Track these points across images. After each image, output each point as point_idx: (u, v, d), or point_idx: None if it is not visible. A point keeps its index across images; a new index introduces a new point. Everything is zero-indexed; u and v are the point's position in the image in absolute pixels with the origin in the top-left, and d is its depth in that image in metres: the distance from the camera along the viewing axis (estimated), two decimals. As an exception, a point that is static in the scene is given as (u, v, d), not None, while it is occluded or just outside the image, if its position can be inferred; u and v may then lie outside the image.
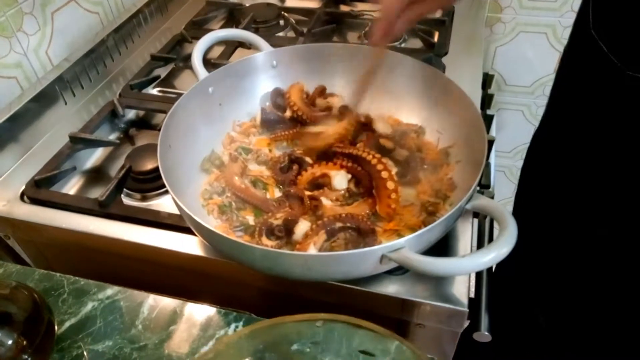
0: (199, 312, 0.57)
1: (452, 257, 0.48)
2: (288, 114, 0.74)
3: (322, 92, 0.77)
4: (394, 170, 0.65)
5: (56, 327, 0.55)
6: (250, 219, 0.63)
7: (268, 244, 0.56)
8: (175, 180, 0.61)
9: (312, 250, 0.56)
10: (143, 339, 0.55)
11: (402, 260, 0.49)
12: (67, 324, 0.56)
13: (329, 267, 0.51)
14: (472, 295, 0.58)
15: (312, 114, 0.73)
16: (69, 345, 0.54)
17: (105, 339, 0.55)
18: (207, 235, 0.54)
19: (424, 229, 0.49)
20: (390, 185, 0.59)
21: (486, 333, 0.59)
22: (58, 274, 0.61)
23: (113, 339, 0.55)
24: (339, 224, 0.59)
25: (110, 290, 0.60)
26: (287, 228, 0.58)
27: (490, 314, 0.60)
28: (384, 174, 0.60)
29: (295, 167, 0.67)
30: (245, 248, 0.50)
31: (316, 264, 0.50)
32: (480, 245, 0.65)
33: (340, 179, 0.64)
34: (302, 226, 0.57)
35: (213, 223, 0.63)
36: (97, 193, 0.68)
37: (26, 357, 0.48)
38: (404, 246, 0.49)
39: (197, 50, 0.75)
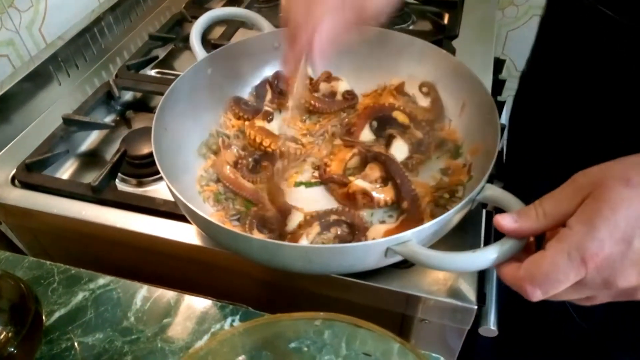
0: (194, 305, 0.55)
1: (461, 252, 0.45)
2: (291, 102, 0.71)
3: (327, 78, 0.74)
4: (405, 150, 0.64)
5: (46, 318, 0.53)
6: (248, 208, 0.60)
7: (260, 237, 0.53)
8: (171, 165, 0.58)
9: (304, 242, 0.53)
10: (135, 331, 0.52)
11: (408, 253, 0.46)
12: (56, 315, 0.54)
13: (331, 260, 0.48)
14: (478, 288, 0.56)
15: (315, 103, 0.70)
16: (58, 337, 0.52)
17: (95, 331, 0.52)
18: (202, 224, 0.51)
19: (431, 222, 0.46)
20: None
21: (493, 328, 0.57)
22: (48, 262, 0.59)
23: (104, 331, 0.52)
24: (334, 217, 0.56)
25: (103, 279, 0.57)
26: (281, 219, 0.55)
27: (497, 308, 0.58)
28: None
29: (265, 163, 0.64)
30: (242, 238, 0.48)
31: (318, 257, 0.48)
32: (488, 238, 0.62)
33: (401, 148, 0.63)
34: (296, 217, 0.54)
35: (209, 211, 0.60)
36: (92, 178, 0.65)
37: (12, 349, 0.46)
38: (411, 239, 0.46)
39: (196, 30, 0.72)
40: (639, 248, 0.35)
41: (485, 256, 0.43)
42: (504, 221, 0.42)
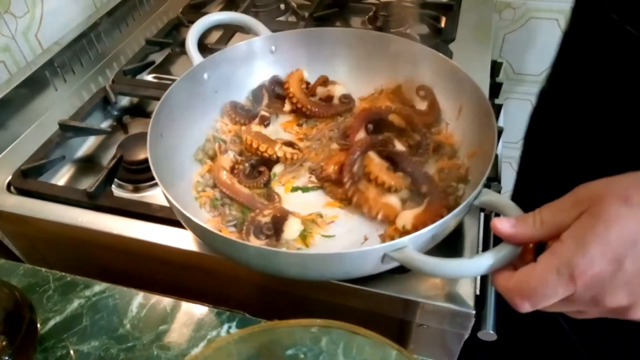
0: (190, 311, 0.54)
1: (457, 259, 0.45)
2: (287, 107, 0.71)
3: (324, 82, 0.74)
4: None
5: (41, 326, 0.53)
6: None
7: (256, 243, 0.53)
8: (168, 171, 0.58)
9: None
10: (131, 339, 0.52)
11: (404, 260, 0.45)
12: (51, 323, 0.54)
13: (327, 267, 0.48)
14: (478, 292, 0.56)
15: (312, 107, 0.70)
16: (54, 345, 0.52)
17: (91, 339, 0.52)
18: (198, 231, 0.51)
19: (428, 227, 0.46)
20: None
21: (492, 332, 0.56)
22: (44, 269, 0.59)
23: (99, 339, 0.52)
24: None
25: (98, 286, 0.57)
26: (277, 225, 0.54)
27: (496, 312, 0.57)
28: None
29: (262, 168, 0.64)
30: (238, 246, 0.47)
31: (314, 264, 0.47)
32: (486, 243, 0.62)
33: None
34: (293, 224, 0.54)
35: (206, 217, 0.60)
36: (88, 184, 0.65)
37: (6, 358, 0.46)
38: (407, 245, 0.46)
39: (192, 35, 0.72)
40: (630, 269, 0.34)
41: (481, 263, 0.43)
42: (500, 225, 0.42)
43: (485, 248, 0.60)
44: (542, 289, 0.37)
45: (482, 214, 0.62)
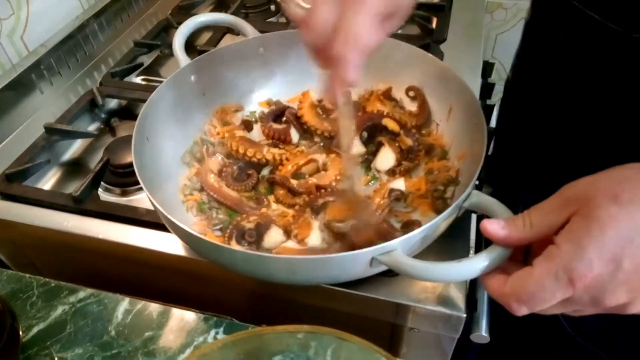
0: (177, 317, 0.53)
1: (447, 262, 0.44)
2: (317, 138, 0.68)
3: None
4: (392, 158, 0.63)
5: (24, 333, 0.52)
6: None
7: (237, 249, 0.52)
8: (154, 174, 0.57)
9: (316, 233, 0.53)
10: (116, 346, 0.51)
11: (393, 264, 0.45)
12: (35, 330, 0.53)
13: (314, 271, 0.47)
14: (469, 294, 0.55)
15: (334, 128, 0.66)
16: (37, 353, 0.51)
17: (75, 346, 0.51)
18: (183, 235, 0.50)
19: (417, 230, 0.45)
20: None
21: (484, 334, 0.56)
22: (27, 275, 0.58)
23: (84, 346, 0.51)
24: (320, 201, 0.56)
25: (83, 292, 0.56)
26: (259, 233, 0.54)
27: (489, 314, 0.57)
28: None
29: (250, 171, 0.63)
30: (224, 250, 0.46)
31: (301, 268, 0.46)
32: (479, 245, 0.61)
33: (388, 155, 0.62)
34: (274, 234, 0.53)
35: (192, 220, 0.59)
36: (74, 188, 0.64)
37: (-13, 367, 0.45)
38: (396, 248, 0.45)
39: (179, 36, 0.71)
40: (628, 268, 0.34)
41: (471, 266, 0.42)
42: (491, 227, 0.41)
43: (478, 251, 0.59)
44: (540, 293, 0.36)
45: (474, 216, 0.62)
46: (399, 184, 0.60)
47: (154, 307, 0.54)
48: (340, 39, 0.40)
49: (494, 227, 0.41)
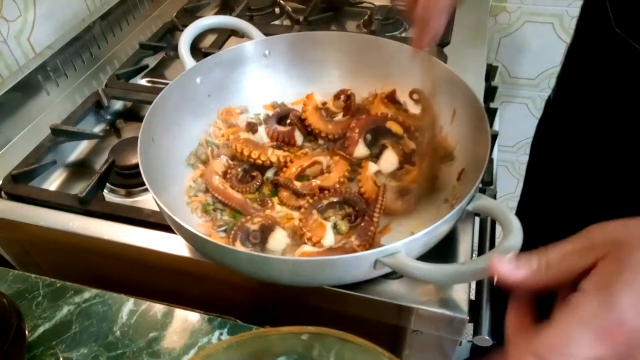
0: (181, 318, 0.54)
1: (450, 264, 0.44)
2: (321, 141, 0.68)
3: (337, 98, 0.72)
4: (395, 161, 0.64)
5: (29, 333, 0.52)
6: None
7: (242, 250, 0.52)
8: (159, 175, 0.57)
9: (330, 232, 0.55)
10: (121, 346, 0.51)
11: (397, 266, 0.45)
12: (40, 329, 0.53)
13: (319, 273, 0.47)
14: (473, 297, 0.55)
15: (338, 130, 0.67)
16: (42, 353, 0.51)
17: (80, 346, 0.51)
18: (187, 236, 0.50)
19: (420, 233, 0.46)
20: None
21: (487, 337, 0.56)
22: (33, 275, 0.58)
23: (89, 346, 0.51)
24: (325, 202, 0.57)
25: (88, 293, 0.56)
26: (263, 234, 0.54)
27: (492, 317, 0.56)
28: None
29: (255, 173, 0.63)
30: (228, 251, 0.47)
31: (305, 269, 0.47)
32: (481, 248, 0.61)
33: (390, 159, 0.63)
34: (278, 235, 0.53)
35: (197, 222, 0.59)
36: (80, 188, 0.64)
37: (-7, 366, 0.45)
38: (400, 250, 0.45)
39: (185, 38, 0.71)
40: None
41: (476, 268, 0.43)
42: (501, 267, 0.36)
43: (481, 253, 0.59)
44: (566, 349, 0.31)
45: (477, 219, 0.62)
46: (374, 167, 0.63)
47: (159, 308, 0.55)
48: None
49: (504, 266, 0.36)
